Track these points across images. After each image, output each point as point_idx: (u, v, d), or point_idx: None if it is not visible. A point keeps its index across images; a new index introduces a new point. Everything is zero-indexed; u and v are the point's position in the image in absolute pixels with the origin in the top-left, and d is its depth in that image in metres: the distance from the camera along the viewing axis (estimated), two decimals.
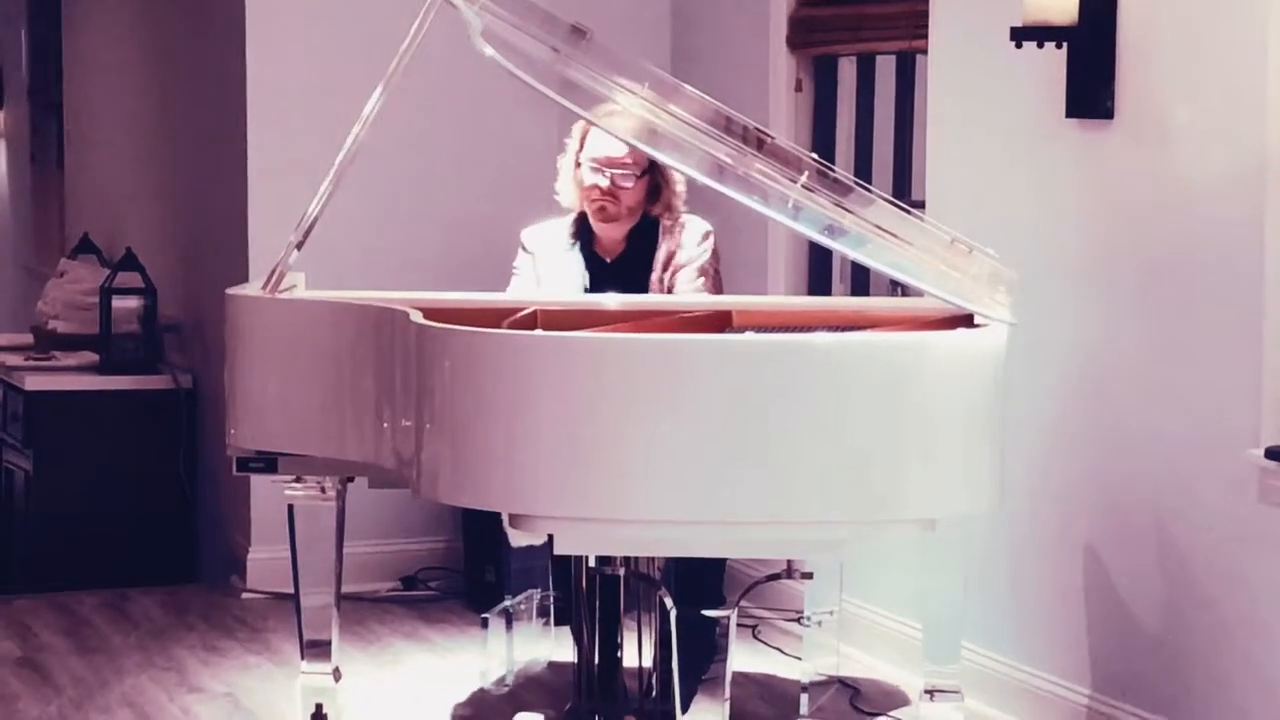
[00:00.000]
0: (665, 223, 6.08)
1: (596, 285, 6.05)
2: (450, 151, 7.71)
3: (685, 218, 6.12)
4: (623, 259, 6.10)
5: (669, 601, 4.84)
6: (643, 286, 6.01)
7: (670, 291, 6.01)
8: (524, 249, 6.21)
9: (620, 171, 5.95)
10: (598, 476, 4.48)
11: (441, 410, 4.67)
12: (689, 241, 6.06)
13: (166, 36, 8.84)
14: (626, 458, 4.47)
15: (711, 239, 6.12)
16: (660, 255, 6.06)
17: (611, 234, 6.10)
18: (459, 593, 7.50)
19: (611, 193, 5.97)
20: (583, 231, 6.14)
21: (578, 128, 6.03)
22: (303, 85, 7.53)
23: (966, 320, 5.10)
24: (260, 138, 7.65)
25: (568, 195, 6.14)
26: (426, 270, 7.08)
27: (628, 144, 5.64)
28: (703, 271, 6.04)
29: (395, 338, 4.97)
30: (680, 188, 6.00)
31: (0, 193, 12.43)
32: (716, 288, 6.10)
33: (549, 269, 6.13)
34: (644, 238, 6.08)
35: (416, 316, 4.88)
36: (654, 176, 5.98)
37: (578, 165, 6.05)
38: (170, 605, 7.49)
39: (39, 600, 7.55)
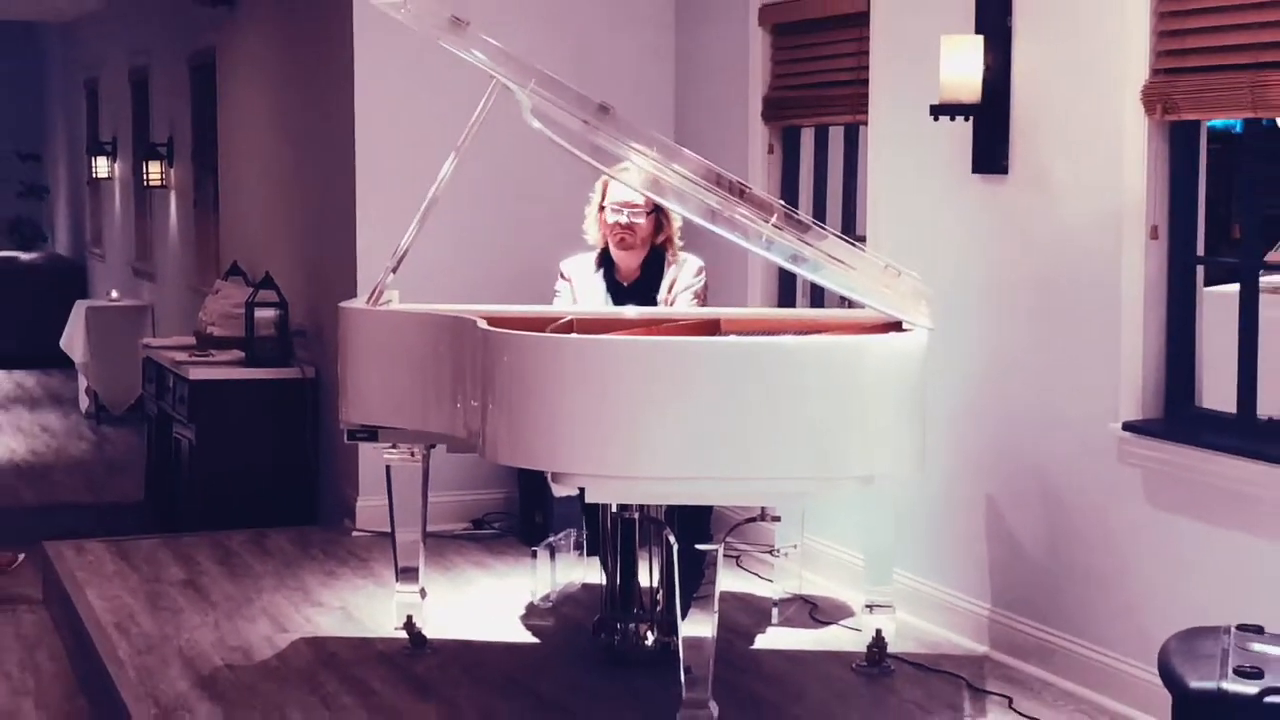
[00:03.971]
0: (669, 257, 6.07)
1: (617, 303, 6.05)
2: (506, 199, 7.72)
3: (685, 255, 6.11)
4: (637, 284, 6.08)
5: (672, 538, 4.84)
6: (652, 304, 6.01)
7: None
8: (562, 276, 6.19)
9: (634, 210, 5.94)
10: (618, 443, 4.49)
11: (501, 394, 4.68)
12: (687, 273, 6.06)
13: (294, 109, 8.86)
14: (640, 429, 4.48)
15: (704, 273, 6.11)
16: (665, 282, 6.05)
17: (629, 263, 6.07)
18: (515, 531, 7.50)
19: (629, 227, 5.97)
20: (606, 261, 6.13)
21: (599, 183, 6.01)
22: (396, 147, 7.54)
23: (897, 326, 5.11)
24: (365, 187, 7.67)
25: (592, 234, 6.13)
26: (489, 287, 7.09)
27: (637, 191, 5.67)
28: (697, 295, 6.04)
29: (466, 339, 4.99)
30: (678, 223, 5.99)
31: (173, 231, 12.47)
32: (705, 305, 6.09)
33: (581, 290, 6.13)
34: (653, 268, 6.08)
35: (482, 323, 4.90)
36: (658, 215, 5.97)
37: (601, 210, 6.05)
38: (298, 541, 7.50)
39: (199, 537, 7.57)
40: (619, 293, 6.07)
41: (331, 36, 7.99)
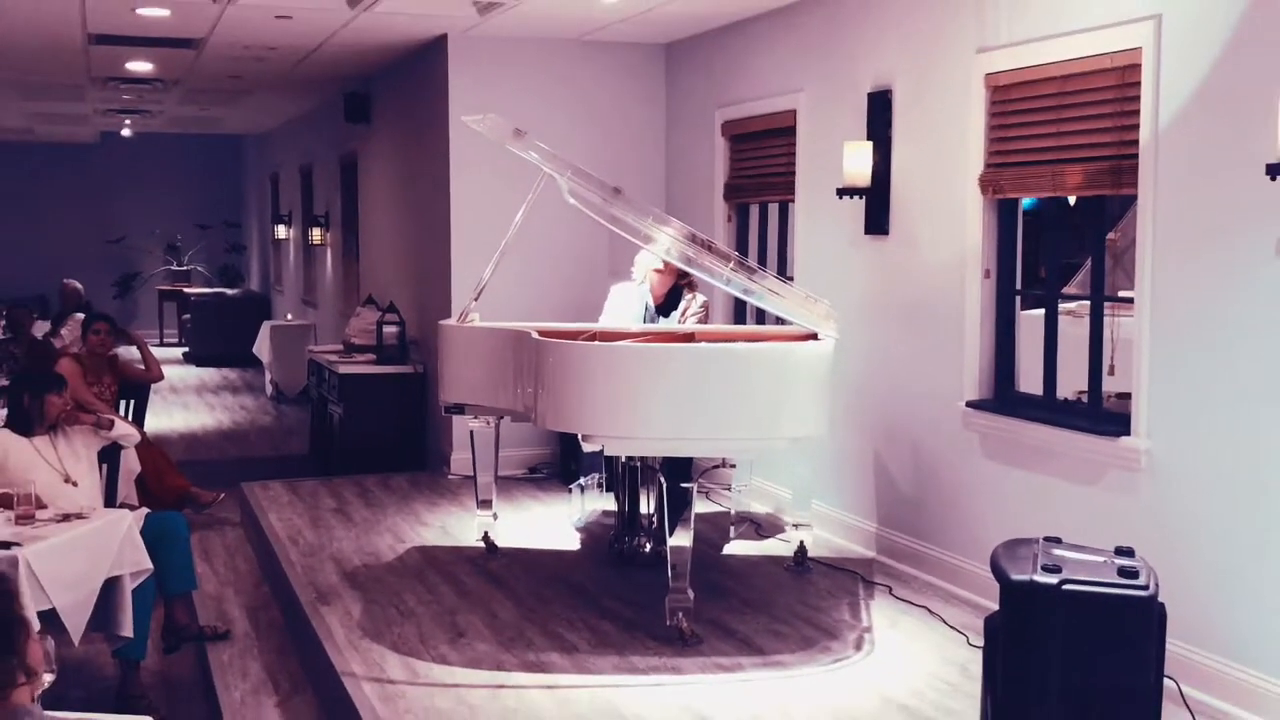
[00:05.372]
0: (685, 293, 5.97)
1: (650, 317, 5.93)
2: (556, 248, 7.69)
3: (698, 294, 6.01)
4: (662, 305, 5.94)
5: (662, 479, 4.82)
6: (670, 320, 5.94)
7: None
8: (610, 297, 6.07)
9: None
10: (625, 415, 4.47)
11: (547, 382, 4.65)
12: (696, 304, 5.95)
13: (409, 191, 8.86)
14: (639, 406, 4.45)
15: (708, 307, 6.02)
16: (681, 307, 5.92)
17: (659, 289, 5.90)
18: (558, 475, 7.47)
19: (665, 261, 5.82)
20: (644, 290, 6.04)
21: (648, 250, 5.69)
22: (478, 212, 7.53)
23: (814, 336, 5.09)
24: (457, 243, 7.65)
25: (639, 273, 5.95)
26: (542, 309, 7.09)
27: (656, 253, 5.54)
28: (700, 321, 5.93)
29: (524, 345, 4.96)
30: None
31: (328, 274, 12.45)
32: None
33: (621, 307, 5.99)
34: (674, 297, 5.93)
35: (535, 334, 4.88)
36: None
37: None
38: (412, 482, 7.49)
39: (347, 480, 7.55)
40: (651, 309, 5.97)
41: (435, 142, 7.97)
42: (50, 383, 5.02)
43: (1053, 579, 3.10)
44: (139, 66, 9.39)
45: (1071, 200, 5.12)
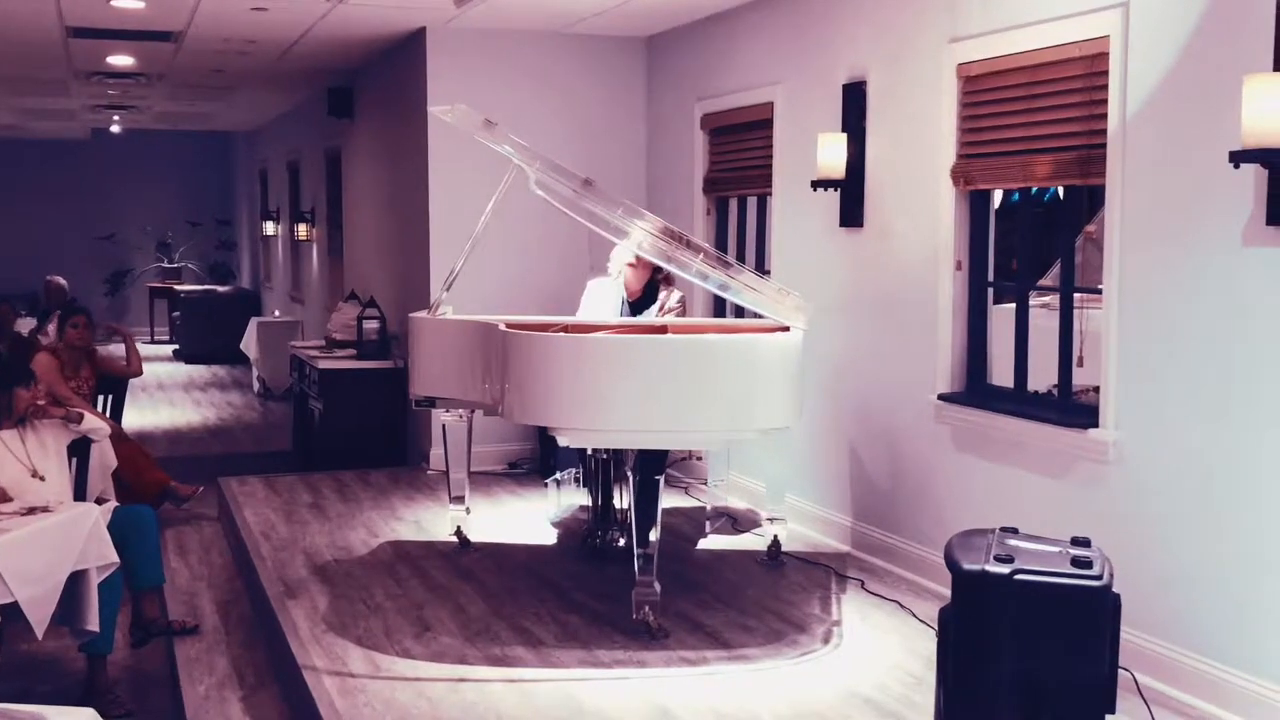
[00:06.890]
0: (662, 288, 5.98)
1: (623, 312, 5.94)
2: (527, 240, 7.68)
3: (675, 289, 5.99)
4: (638, 301, 5.98)
5: (629, 472, 4.79)
6: (647, 315, 5.93)
7: None
8: (587, 293, 6.09)
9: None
10: (594, 407, 4.44)
11: (514, 374, 4.63)
12: (673, 299, 5.97)
13: (390, 186, 8.84)
14: (603, 397, 4.42)
15: (684, 302, 6.02)
16: (658, 302, 5.96)
17: (634, 285, 5.93)
18: (535, 470, 7.46)
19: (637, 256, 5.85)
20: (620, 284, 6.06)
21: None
22: (457, 207, 7.50)
23: (785, 329, 5.07)
24: (435, 239, 7.64)
25: (614, 267, 5.98)
26: (512, 302, 7.07)
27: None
28: (677, 316, 5.93)
29: (492, 337, 4.94)
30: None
31: (314, 270, 12.43)
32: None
33: (597, 301, 6.02)
34: (650, 292, 5.97)
35: (503, 327, 4.86)
36: None
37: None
38: (389, 477, 7.47)
39: (325, 475, 7.54)
40: (625, 305, 5.99)
41: (414, 136, 7.96)
42: (18, 376, 5.01)
43: (1004, 569, 3.08)
44: (120, 60, 9.37)
45: (1061, 194, 5.10)
